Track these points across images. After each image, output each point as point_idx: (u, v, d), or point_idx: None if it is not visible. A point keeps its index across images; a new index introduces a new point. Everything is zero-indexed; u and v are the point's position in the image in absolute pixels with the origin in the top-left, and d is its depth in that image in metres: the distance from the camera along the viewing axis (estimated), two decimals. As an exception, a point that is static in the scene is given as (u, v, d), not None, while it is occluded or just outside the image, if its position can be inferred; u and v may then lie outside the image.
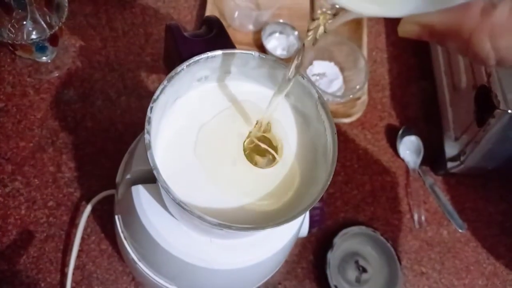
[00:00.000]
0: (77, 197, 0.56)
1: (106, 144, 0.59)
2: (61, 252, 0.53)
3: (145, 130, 0.28)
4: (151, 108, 0.29)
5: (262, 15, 0.68)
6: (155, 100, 0.29)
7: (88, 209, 0.54)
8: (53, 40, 0.59)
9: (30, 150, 0.57)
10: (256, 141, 0.35)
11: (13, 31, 0.60)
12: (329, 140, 0.32)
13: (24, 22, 0.60)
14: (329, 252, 0.57)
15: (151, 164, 0.27)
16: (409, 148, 0.68)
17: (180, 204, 0.27)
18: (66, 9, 0.57)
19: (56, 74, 0.62)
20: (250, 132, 0.34)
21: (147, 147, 0.28)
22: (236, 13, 0.68)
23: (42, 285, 0.51)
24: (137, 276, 0.47)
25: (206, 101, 0.35)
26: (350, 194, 0.65)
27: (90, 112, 0.61)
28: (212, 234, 0.35)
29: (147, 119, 0.29)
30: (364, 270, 0.59)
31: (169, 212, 0.35)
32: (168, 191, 0.27)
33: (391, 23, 0.78)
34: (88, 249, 0.54)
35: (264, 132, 0.35)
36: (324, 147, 0.32)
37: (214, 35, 0.34)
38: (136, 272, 0.44)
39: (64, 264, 0.52)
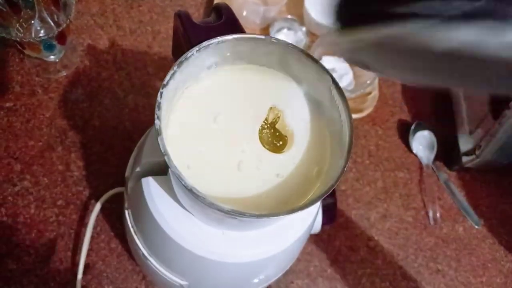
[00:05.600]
0: (86, 195, 0.55)
1: (114, 142, 0.59)
2: (71, 251, 0.52)
3: (155, 116, 0.28)
4: (161, 93, 0.28)
5: (269, 10, 0.67)
6: (164, 86, 0.29)
7: (97, 207, 0.53)
8: (61, 38, 0.59)
9: (39, 149, 0.57)
10: (266, 130, 0.34)
11: (21, 31, 0.60)
12: (344, 125, 0.31)
13: (32, 21, 0.60)
14: (342, 249, 0.56)
15: (162, 150, 0.27)
16: (422, 143, 0.67)
17: (192, 191, 0.26)
18: (73, 7, 0.57)
19: (64, 73, 0.62)
20: (265, 119, 0.34)
21: (158, 133, 0.27)
22: (244, 9, 0.68)
23: (52, 284, 0.50)
24: (148, 273, 0.46)
25: (216, 89, 0.34)
26: (362, 191, 0.63)
27: (98, 110, 0.61)
28: (224, 225, 0.34)
29: (157, 104, 0.28)
30: (378, 268, 0.57)
31: (180, 204, 0.34)
32: (179, 177, 0.26)
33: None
34: (98, 248, 0.53)
35: (272, 122, 0.34)
36: (339, 133, 0.32)
37: (223, 22, 0.33)
38: (147, 269, 0.43)
39: (74, 263, 0.51)
